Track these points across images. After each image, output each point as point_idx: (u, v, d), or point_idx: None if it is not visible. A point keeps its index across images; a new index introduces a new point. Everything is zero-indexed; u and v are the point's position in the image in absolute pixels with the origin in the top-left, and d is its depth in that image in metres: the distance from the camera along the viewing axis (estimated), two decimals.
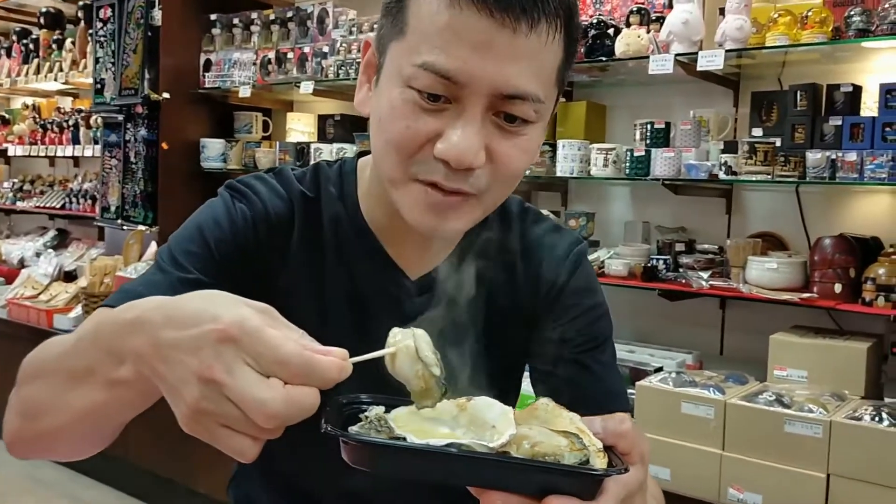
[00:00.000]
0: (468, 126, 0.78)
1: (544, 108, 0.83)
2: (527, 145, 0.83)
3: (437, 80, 0.78)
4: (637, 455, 0.68)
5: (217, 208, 0.94)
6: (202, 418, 0.57)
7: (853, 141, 2.21)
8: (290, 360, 0.56)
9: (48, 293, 4.13)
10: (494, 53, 0.77)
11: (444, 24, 0.77)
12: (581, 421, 0.65)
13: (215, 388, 0.56)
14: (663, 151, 2.48)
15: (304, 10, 3.38)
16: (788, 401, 2.01)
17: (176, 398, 0.58)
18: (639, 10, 2.53)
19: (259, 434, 0.57)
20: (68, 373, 0.71)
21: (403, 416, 0.63)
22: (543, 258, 1.04)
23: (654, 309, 2.72)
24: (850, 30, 2.15)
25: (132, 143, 3.66)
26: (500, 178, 0.84)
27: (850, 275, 2.21)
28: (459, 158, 0.79)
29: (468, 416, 0.63)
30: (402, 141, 0.81)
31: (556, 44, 0.81)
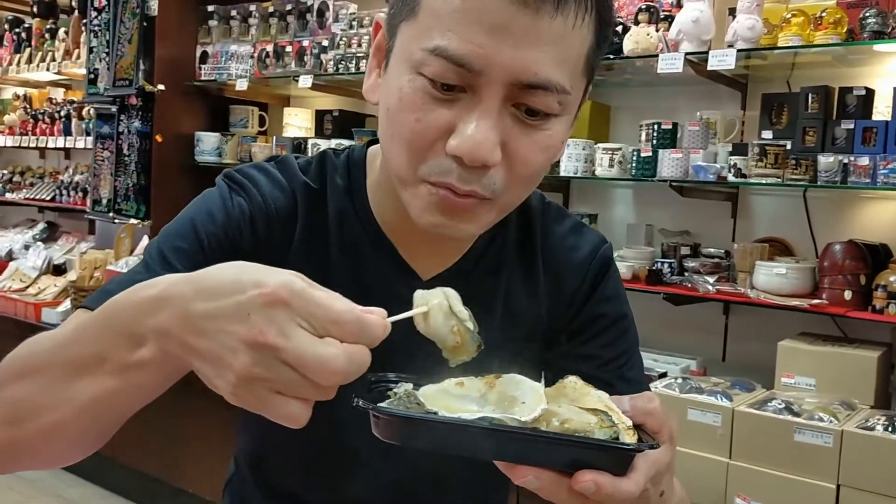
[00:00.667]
0: (484, 118, 0.71)
1: (570, 99, 0.74)
2: (548, 142, 0.75)
3: (449, 66, 0.70)
4: (666, 434, 0.66)
5: (212, 200, 0.87)
6: (253, 386, 0.55)
7: (865, 145, 2.17)
8: (344, 319, 0.55)
9: (36, 286, 4.05)
10: (514, 37, 0.69)
11: (458, 4, 0.70)
12: (609, 399, 0.64)
13: (269, 352, 0.54)
14: (671, 152, 2.43)
15: (304, 2, 3.32)
16: (798, 409, 1.97)
17: (219, 369, 0.55)
18: (647, 8, 2.49)
19: (315, 395, 0.55)
20: (69, 364, 0.65)
21: (432, 393, 0.63)
22: (566, 261, 0.96)
23: (657, 313, 2.67)
24: (864, 31, 2.11)
25: (125, 135, 3.59)
26: (516, 179, 0.76)
27: (860, 282, 2.17)
28: (473, 154, 0.71)
29: (497, 393, 0.63)
30: (412, 136, 0.74)
31: (585, 27, 0.73)
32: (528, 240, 0.96)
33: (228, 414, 1.06)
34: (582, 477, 0.58)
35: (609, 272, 0.98)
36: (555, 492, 0.60)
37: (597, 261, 0.97)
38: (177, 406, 3.12)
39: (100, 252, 3.73)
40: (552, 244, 0.96)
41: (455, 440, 0.58)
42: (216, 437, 2.99)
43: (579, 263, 0.96)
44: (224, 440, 2.94)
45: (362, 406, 0.59)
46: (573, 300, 0.96)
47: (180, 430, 3.20)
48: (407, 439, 0.59)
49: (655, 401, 0.67)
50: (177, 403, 3.12)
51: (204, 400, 3.01)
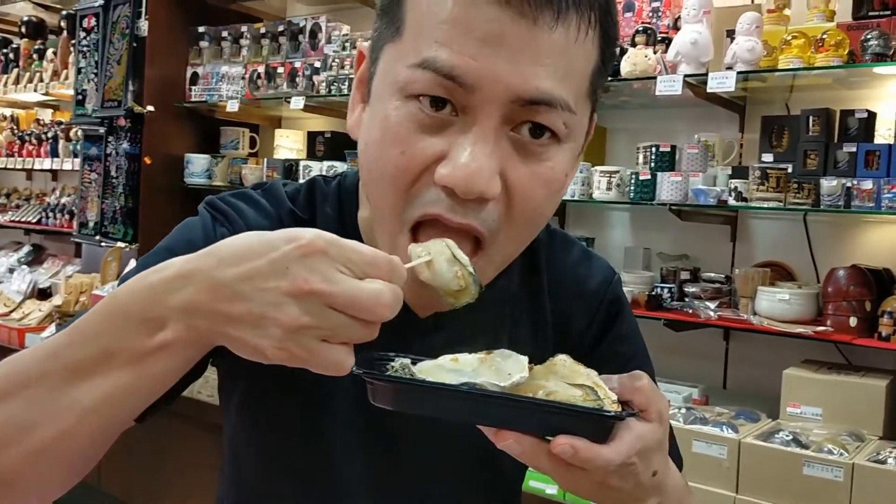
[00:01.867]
0: (479, 143, 0.64)
1: (575, 122, 0.68)
2: (550, 174, 0.68)
3: (438, 81, 0.64)
4: (654, 412, 0.65)
5: (193, 229, 0.81)
6: (301, 336, 0.55)
7: (868, 168, 2.13)
8: (378, 259, 0.57)
9: (21, 311, 3.96)
10: (510, 49, 0.63)
11: (446, 14, 0.64)
12: (598, 377, 0.65)
13: (316, 299, 0.55)
14: (670, 175, 2.39)
15: (296, 24, 3.28)
16: (805, 440, 1.91)
17: (262, 328, 0.55)
18: (645, 30, 2.45)
19: (362, 334, 0.57)
20: (66, 370, 0.60)
21: (427, 368, 0.64)
22: (575, 294, 0.90)
23: (657, 339, 2.61)
24: (866, 54, 2.08)
25: (113, 156, 3.52)
26: (514, 218, 0.69)
27: (865, 308, 2.12)
28: (468, 183, 0.64)
29: (488, 367, 0.64)
30: (396, 172, 0.66)
31: (588, 43, 0.67)
32: (534, 270, 0.89)
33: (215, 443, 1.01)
34: (559, 440, 0.59)
35: (621, 310, 0.93)
36: (535, 457, 0.60)
37: (607, 298, 0.92)
38: (162, 436, 3.05)
39: (86, 276, 3.65)
40: (560, 275, 0.90)
41: (440, 404, 0.62)
42: (203, 468, 2.92)
43: (588, 298, 0.91)
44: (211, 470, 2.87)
45: (356, 371, 0.60)
46: (582, 339, 0.91)
47: (165, 461, 3.12)
48: (396, 404, 0.61)
49: (644, 378, 0.66)
50: (162, 434, 3.04)
51: (190, 429, 2.94)
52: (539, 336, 0.90)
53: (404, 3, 0.68)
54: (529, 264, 0.90)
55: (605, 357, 0.90)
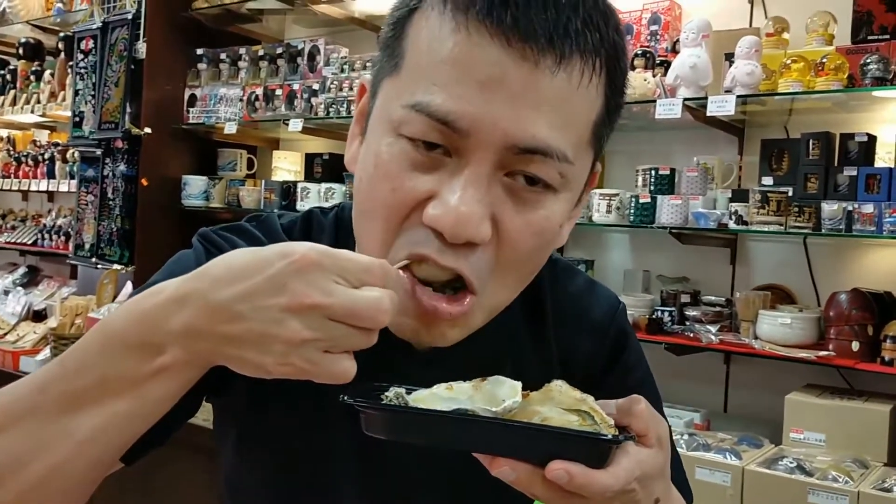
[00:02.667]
0: (471, 186, 0.62)
1: (572, 172, 0.66)
2: (543, 224, 0.66)
3: (432, 125, 0.62)
4: (654, 437, 0.63)
5: (186, 263, 0.79)
6: (305, 350, 0.55)
7: (869, 192, 2.13)
8: (373, 266, 0.57)
9: (15, 333, 3.92)
10: (509, 93, 0.61)
11: (446, 54, 0.62)
12: (595, 402, 0.64)
13: (317, 312, 0.55)
14: (670, 199, 2.38)
15: (295, 46, 3.28)
16: (809, 467, 1.89)
17: (264, 345, 0.55)
18: (644, 53, 2.46)
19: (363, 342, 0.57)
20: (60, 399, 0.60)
21: (422, 397, 0.64)
22: (579, 327, 0.88)
23: (658, 363, 2.58)
24: (866, 77, 2.08)
25: (110, 178, 3.51)
26: (505, 264, 0.67)
27: (867, 332, 2.10)
28: (456, 227, 0.62)
29: (482, 395, 0.63)
30: (386, 211, 0.65)
31: (592, 90, 0.64)
32: (537, 300, 0.87)
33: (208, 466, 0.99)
34: (553, 465, 0.57)
35: (627, 342, 0.91)
36: (530, 483, 0.59)
37: (613, 330, 0.90)
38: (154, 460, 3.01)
39: (81, 298, 3.62)
40: (563, 307, 0.88)
41: (433, 431, 0.61)
42: (195, 491, 2.88)
43: (593, 330, 0.89)
44: (203, 492, 2.83)
45: (347, 401, 0.60)
46: (588, 371, 0.88)
47: (158, 484, 3.08)
48: (387, 432, 0.61)
49: (641, 402, 0.64)
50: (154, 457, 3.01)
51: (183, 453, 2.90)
52: (544, 369, 0.88)
53: (405, 38, 0.67)
54: (532, 296, 0.87)
55: (612, 389, 0.87)
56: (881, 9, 2.19)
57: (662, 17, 2.59)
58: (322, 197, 3.08)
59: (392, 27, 0.69)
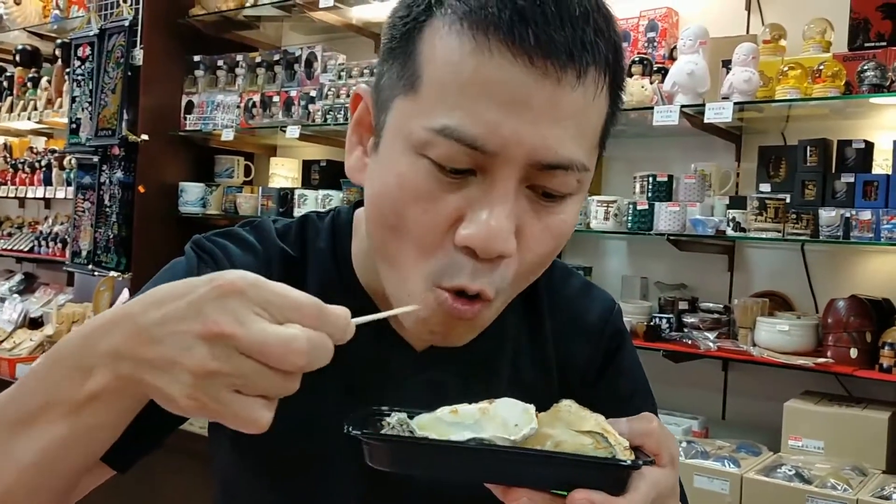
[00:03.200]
0: (500, 204, 0.63)
1: (587, 176, 0.68)
2: (561, 227, 0.68)
3: (460, 149, 0.62)
4: (667, 456, 0.63)
5: (179, 271, 0.79)
6: (210, 384, 0.51)
7: (866, 199, 2.13)
8: (304, 303, 0.53)
9: (11, 341, 3.91)
10: (532, 112, 0.62)
11: (468, 76, 0.62)
12: (606, 422, 0.63)
13: (226, 342, 0.51)
14: (668, 206, 2.38)
15: (292, 53, 3.28)
16: (808, 475, 1.88)
17: (173, 373, 0.52)
18: (641, 60, 2.46)
19: (278, 386, 0.52)
20: (9, 422, 0.59)
21: (426, 422, 0.61)
22: (575, 327, 0.89)
23: (656, 370, 2.57)
24: (863, 84, 2.08)
25: (107, 185, 3.50)
26: (522, 268, 0.68)
27: (866, 339, 2.10)
28: (488, 245, 0.63)
29: (490, 419, 0.61)
30: (421, 231, 0.66)
31: (602, 98, 0.66)
32: (534, 304, 0.88)
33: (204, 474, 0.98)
34: (577, 495, 0.56)
35: (622, 343, 0.92)
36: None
37: (608, 331, 0.90)
38: (150, 468, 3.00)
39: (78, 305, 3.61)
40: (560, 308, 0.89)
41: (445, 463, 0.58)
42: (192, 499, 2.87)
43: (589, 331, 0.89)
44: (199, 501, 2.81)
45: (352, 433, 0.57)
46: (584, 372, 0.89)
47: (154, 492, 3.07)
48: (398, 465, 0.58)
49: (654, 421, 0.64)
50: (151, 465, 2.99)
51: (180, 460, 2.88)
52: (541, 369, 0.88)
53: (418, 56, 0.66)
54: (529, 298, 0.88)
55: (606, 390, 0.89)
56: (878, 16, 2.20)
57: (660, 24, 2.60)
58: (319, 203, 3.08)
59: (399, 40, 0.68)
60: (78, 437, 0.59)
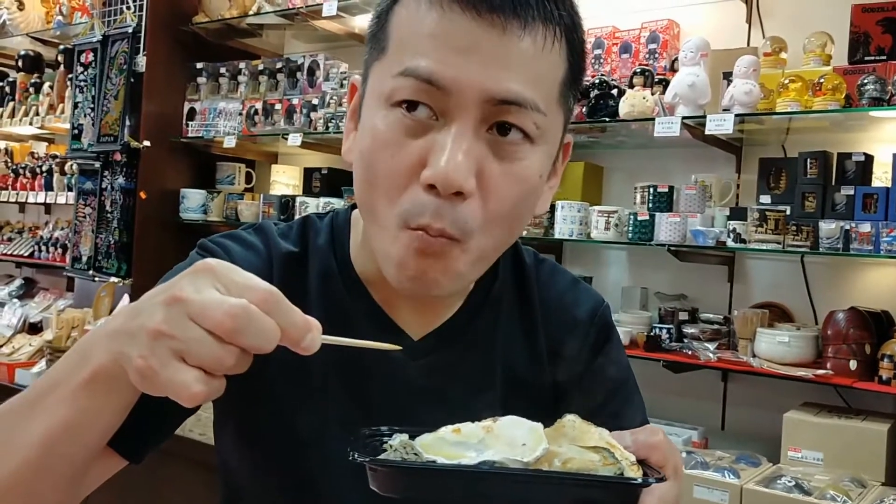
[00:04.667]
0: (457, 141, 0.69)
1: (547, 123, 0.73)
2: (524, 173, 0.73)
3: (419, 85, 0.69)
4: (671, 468, 0.65)
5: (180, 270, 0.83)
6: (159, 346, 0.55)
7: (866, 212, 2.14)
8: (260, 287, 0.57)
9: (10, 345, 3.91)
10: (482, 55, 0.69)
11: (426, 28, 0.70)
12: (611, 436, 0.64)
13: (180, 307, 0.55)
14: (668, 216, 2.39)
15: (294, 61, 3.30)
16: (807, 486, 1.89)
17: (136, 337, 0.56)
18: (643, 72, 2.47)
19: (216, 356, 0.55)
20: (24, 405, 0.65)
21: (429, 442, 0.61)
22: (566, 321, 0.92)
23: (656, 380, 2.59)
24: (863, 98, 2.10)
25: (108, 191, 3.51)
26: (490, 217, 0.72)
27: (865, 351, 2.11)
28: (447, 179, 0.68)
29: (495, 437, 0.61)
30: (388, 175, 0.71)
31: (555, 54, 0.72)
32: (525, 297, 0.92)
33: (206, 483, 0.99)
34: None
35: (610, 336, 0.95)
36: None
37: (597, 323, 0.93)
38: (153, 476, 2.99)
39: (78, 311, 3.61)
40: (550, 303, 0.93)
41: (457, 487, 0.58)
42: None
43: (579, 324, 0.92)
44: None
45: (358, 460, 0.57)
46: (573, 365, 0.92)
47: (156, 501, 3.06)
48: (407, 491, 0.57)
49: (659, 434, 0.66)
50: (153, 473, 2.99)
51: (182, 469, 2.88)
52: (535, 361, 0.91)
53: (388, 25, 0.74)
54: (520, 289, 0.92)
55: (593, 380, 0.92)
56: (878, 30, 2.22)
57: (661, 35, 2.61)
58: (320, 211, 3.08)
59: (376, 20, 0.77)
60: (79, 420, 0.63)
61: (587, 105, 2.51)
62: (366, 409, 0.83)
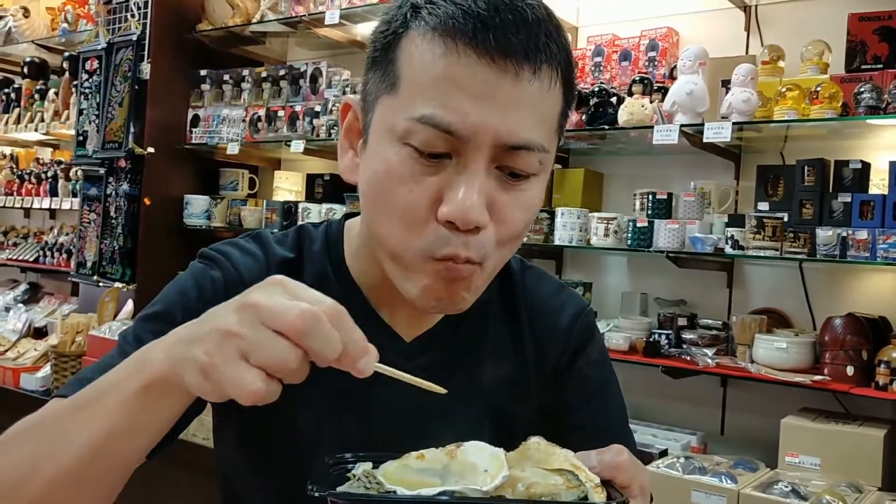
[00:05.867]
0: (471, 181, 0.73)
1: (548, 158, 0.77)
2: (529, 201, 0.77)
3: (436, 134, 0.72)
4: (637, 487, 0.66)
5: (184, 279, 0.87)
6: (227, 345, 0.57)
7: (863, 219, 2.16)
8: (328, 300, 0.60)
9: (16, 350, 3.93)
10: (497, 103, 0.72)
11: (440, 73, 0.72)
12: (575, 457, 0.64)
13: (253, 311, 0.58)
14: (667, 223, 2.41)
15: (297, 68, 3.33)
16: (804, 492, 1.90)
17: (203, 337, 0.59)
18: (642, 80, 2.49)
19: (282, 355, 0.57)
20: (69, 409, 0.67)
21: (392, 470, 0.61)
22: (549, 324, 0.96)
23: (654, 386, 2.62)
24: (860, 106, 2.12)
25: (113, 197, 3.54)
26: (501, 240, 0.77)
27: (862, 357, 2.13)
28: (465, 217, 0.72)
29: (459, 463, 0.61)
30: (407, 209, 0.74)
31: (556, 90, 0.76)
32: (512, 302, 0.96)
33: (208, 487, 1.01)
34: None
35: (592, 337, 0.98)
36: None
37: (579, 325, 0.97)
38: (155, 479, 3.01)
39: (82, 316, 3.63)
40: (537, 304, 0.96)
41: None
42: None
43: (562, 328, 0.96)
44: None
45: (317, 493, 0.57)
46: (556, 367, 0.95)
47: None
48: None
49: (624, 454, 0.67)
50: (155, 477, 3.01)
51: (184, 473, 2.89)
52: (520, 362, 0.94)
53: (397, 61, 0.75)
54: (507, 295, 0.96)
55: (574, 379, 0.95)
56: (874, 39, 2.24)
57: (660, 43, 2.64)
58: (323, 216, 3.11)
59: (381, 50, 0.77)
60: (129, 426, 0.64)
61: (587, 113, 2.53)
62: (356, 408, 0.86)
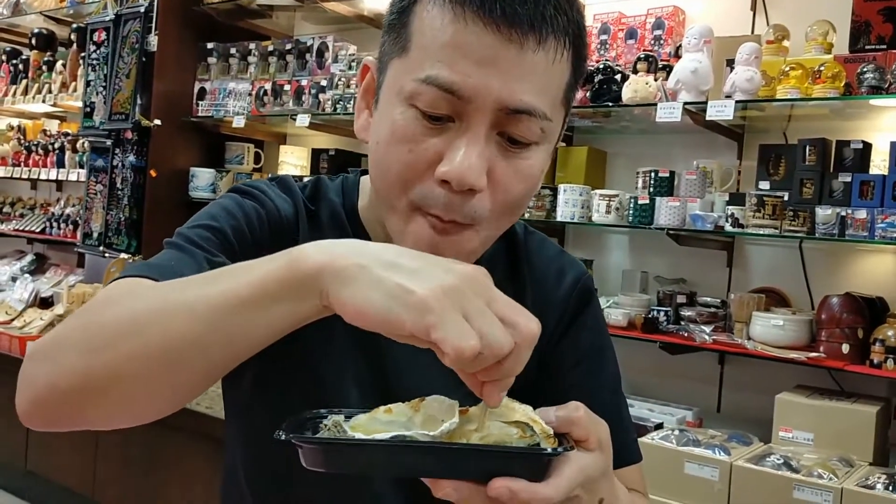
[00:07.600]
0: (472, 144, 0.74)
1: (551, 127, 0.78)
2: (528, 171, 0.79)
3: (440, 94, 0.74)
4: (595, 441, 0.67)
5: (228, 203, 0.88)
6: (455, 294, 0.58)
7: (862, 198, 2.17)
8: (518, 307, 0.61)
9: (22, 319, 3.98)
10: (500, 69, 0.73)
11: (448, 38, 0.74)
12: (535, 412, 0.66)
13: (488, 293, 0.59)
14: (668, 200, 2.43)
15: (304, 42, 3.33)
16: (796, 464, 1.93)
17: (430, 277, 0.59)
18: (646, 58, 2.50)
19: (502, 338, 0.58)
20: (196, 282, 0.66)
21: (362, 422, 0.64)
22: (551, 288, 0.98)
23: (652, 362, 2.64)
24: (862, 86, 2.13)
25: (119, 168, 3.57)
26: (498, 207, 0.79)
27: (858, 335, 2.15)
28: (461, 178, 0.74)
29: (422, 416, 0.64)
30: (404, 168, 0.77)
31: (563, 62, 0.77)
32: (516, 264, 0.98)
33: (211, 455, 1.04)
34: (495, 483, 0.60)
35: (590, 302, 1.00)
36: (474, 503, 0.61)
37: (578, 289, 0.99)
38: (157, 447, 3.06)
39: (88, 286, 3.68)
40: (537, 271, 0.98)
41: (370, 461, 0.61)
42: (198, 479, 2.93)
43: (562, 291, 0.98)
44: (205, 481, 2.88)
45: (282, 437, 0.60)
46: (555, 331, 0.97)
47: (160, 471, 3.13)
48: (327, 465, 0.61)
49: (581, 409, 0.68)
50: (157, 444, 3.06)
51: (186, 440, 2.94)
52: None
53: (410, 25, 0.78)
54: (512, 257, 0.98)
55: (569, 344, 0.96)
56: (879, 19, 2.24)
57: (666, 22, 2.64)
58: None
59: (397, 14, 0.80)
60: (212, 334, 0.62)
61: (591, 90, 2.54)
62: (369, 358, 0.88)
